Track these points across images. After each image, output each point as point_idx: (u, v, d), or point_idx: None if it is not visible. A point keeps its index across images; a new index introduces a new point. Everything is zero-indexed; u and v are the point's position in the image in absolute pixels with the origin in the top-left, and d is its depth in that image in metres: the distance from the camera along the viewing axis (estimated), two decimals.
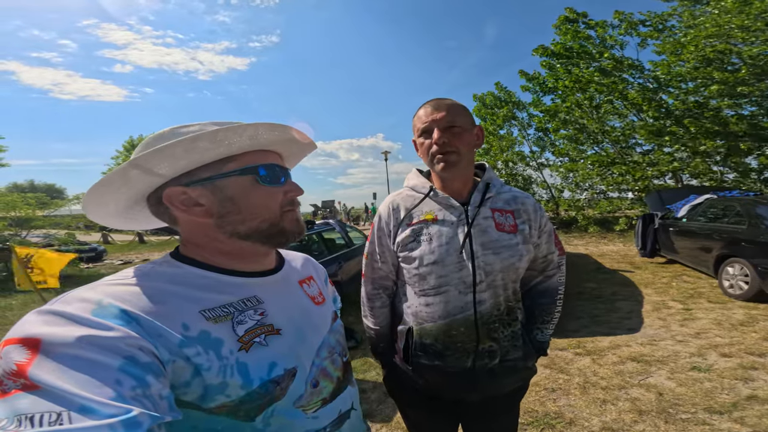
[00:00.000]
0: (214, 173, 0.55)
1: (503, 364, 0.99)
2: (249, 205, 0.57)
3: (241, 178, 0.57)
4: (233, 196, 0.56)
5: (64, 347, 0.37)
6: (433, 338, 0.97)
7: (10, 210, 8.95)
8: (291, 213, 0.61)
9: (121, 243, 17.80)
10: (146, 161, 0.51)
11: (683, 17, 9.98)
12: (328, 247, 4.95)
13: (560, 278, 1.12)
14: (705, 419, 2.15)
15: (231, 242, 0.58)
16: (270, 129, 0.57)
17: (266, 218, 0.58)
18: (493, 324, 0.96)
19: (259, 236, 0.58)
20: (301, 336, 0.60)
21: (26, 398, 0.34)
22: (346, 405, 0.65)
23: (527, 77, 13.13)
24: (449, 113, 0.94)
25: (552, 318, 1.10)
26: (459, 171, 0.97)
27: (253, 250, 0.60)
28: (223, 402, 0.48)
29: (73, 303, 0.42)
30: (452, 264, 0.94)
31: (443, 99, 0.99)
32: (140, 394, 0.38)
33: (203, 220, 0.56)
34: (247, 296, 0.56)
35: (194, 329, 0.48)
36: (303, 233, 0.64)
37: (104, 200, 0.56)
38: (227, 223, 0.56)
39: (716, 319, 3.76)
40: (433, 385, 1.02)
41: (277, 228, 0.59)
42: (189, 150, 0.52)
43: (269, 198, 0.59)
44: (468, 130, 0.97)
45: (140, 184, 0.55)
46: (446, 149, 0.93)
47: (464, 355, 0.96)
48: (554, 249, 1.10)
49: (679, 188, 8.11)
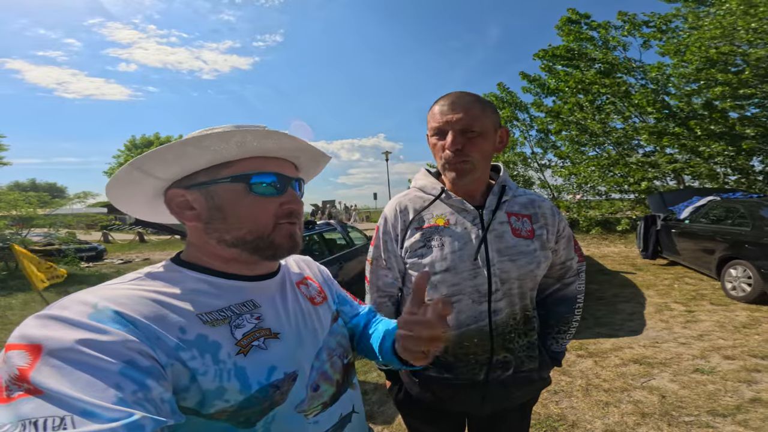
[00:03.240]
0: (209, 179, 0.55)
1: (517, 375, 0.93)
2: (235, 215, 0.55)
3: (231, 186, 0.55)
4: (221, 204, 0.55)
5: (64, 351, 0.38)
6: (442, 350, 0.93)
7: (11, 209, 8.97)
8: (286, 227, 0.58)
9: (122, 242, 17.81)
10: (142, 164, 0.53)
11: (687, 18, 9.96)
12: (329, 247, 4.95)
13: (579, 286, 1.04)
14: (708, 422, 2.13)
15: (220, 248, 0.57)
16: (262, 136, 0.54)
17: (252, 230, 0.56)
18: (509, 335, 0.90)
19: (245, 247, 0.57)
20: (299, 339, 0.59)
21: (30, 403, 0.34)
22: (346, 408, 0.64)
23: (528, 79, 13.11)
24: (467, 115, 0.84)
25: (570, 328, 1.03)
26: (472, 178, 0.90)
27: (242, 258, 0.59)
28: (223, 407, 0.47)
29: (71, 307, 0.42)
30: (466, 271, 0.88)
31: (464, 95, 0.87)
32: (141, 397, 0.38)
33: (193, 223, 0.57)
34: (244, 300, 0.56)
35: (191, 333, 0.48)
36: (297, 249, 0.61)
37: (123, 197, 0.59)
38: (213, 229, 0.56)
39: (719, 322, 3.75)
40: (441, 397, 0.96)
41: (265, 241, 0.57)
42: (179, 155, 0.52)
43: (259, 209, 0.56)
44: (487, 136, 0.87)
45: (143, 185, 0.56)
46: (460, 158, 0.85)
47: (477, 368, 0.91)
48: (573, 255, 1.02)
49: (681, 190, 8.08)
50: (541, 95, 12.96)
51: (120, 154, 29.12)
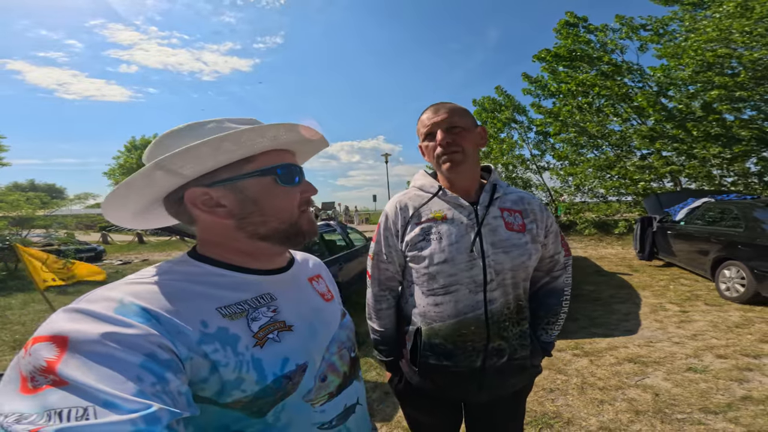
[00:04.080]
0: (235, 174, 0.56)
1: (511, 362, 0.99)
2: (271, 207, 0.58)
3: (262, 179, 0.57)
4: (255, 197, 0.57)
5: (89, 344, 0.39)
6: (442, 338, 0.97)
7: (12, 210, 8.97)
8: (306, 213, 0.62)
9: (121, 243, 17.78)
10: (172, 162, 0.51)
11: (684, 21, 10.03)
12: (329, 248, 4.98)
13: (567, 279, 1.12)
14: (700, 419, 2.18)
15: (250, 242, 0.59)
16: (289, 129, 0.57)
17: (286, 219, 0.59)
18: (503, 323, 0.97)
19: (279, 237, 0.59)
20: (312, 332, 0.61)
21: (56, 394, 0.36)
22: (351, 399, 0.65)
23: (530, 80, 13.18)
24: (450, 115, 0.96)
25: (558, 319, 1.10)
26: (465, 170, 0.98)
27: (270, 250, 0.61)
28: (239, 397, 0.49)
29: (98, 302, 0.44)
30: (463, 263, 0.94)
31: (443, 103, 1.01)
32: (160, 390, 0.40)
33: (225, 221, 0.57)
34: (262, 293, 0.58)
35: (212, 326, 0.49)
36: (317, 233, 0.65)
37: (126, 202, 0.56)
38: (248, 224, 0.57)
39: (712, 322, 3.80)
40: (440, 385, 1.01)
41: (295, 228, 0.60)
42: (215, 151, 0.52)
43: (288, 199, 0.59)
44: (470, 130, 0.98)
45: (164, 185, 0.55)
46: (451, 149, 0.95)
47: (474, 355, 0.96)
48: (560, 249, 1.10)
49: (677, 192, 8.15)
50: (541, 97, 13.05)
51: (120, 155, 28.98)
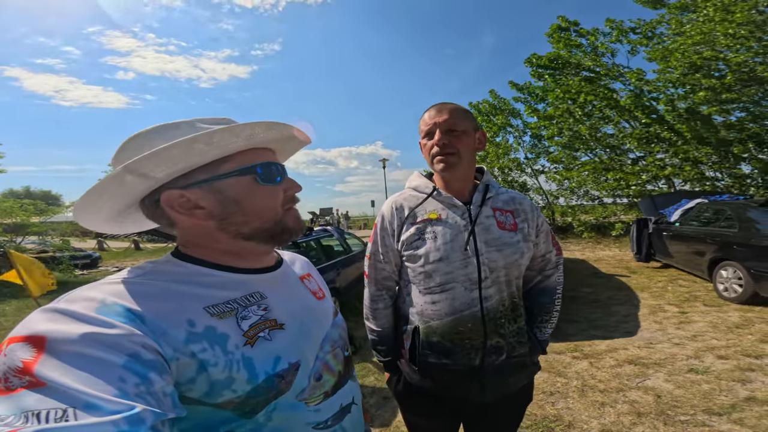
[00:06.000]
0: (211, 175, 0.54)
1: (510, 360, 1.00)
2: (252, 206, 0.57)
3: (241, 179, 0.56)
4: (236, 197, 0.56)
5: (69, 345, 0.38)
6: (440, 336, 0.98)
7: (6, 216, 8.87)
8: (291, 211, 0.62)
9: (117, 250, 17.63)
10: (142, 165, 0.49)
11: (671, 24, 10.18)
12: (326, 253, 4.96)
13: (558, 277, 1.14)
14: (704, 421, 2.16)
15: (234, 242, 0.57)
16: (267, 128, 0.56)
17: (270, 218, 0.58)
18: (499, 320, 0.98)
19: (263, 236, 0.58)
20: (304, 330, 0.60)
21: (32, 395, 0.34)
22: (347, 399, 0.65)
23: (517, 88, 13.31)
24: (451, 116, 0.98)
25: (551, 317, 1.12)
26: (459, 172, 1.01)
27: (256, 249, 0.60)
28: (230, 397, 0.48)
29: (78, 302, 0.43)
30: (457, 261, 0.96)
31: (447, 103, 1.03)
32: (144, 391, 0.39)
33: (205, 222, 0.55)
34: (251, 292, 0.57)
35: (200, 325, 0.48)
36: (304, 230, 0.64)
37: (98, 206, 0.54)
38: (230, 224, 0.56)
39: (712, 322, 3.79)
40: (440, 384, 1.01)
41: (280, 226, 0.60)
42: (186, 152, 0.50)
43: (271, 197, 0.58)
44: (469, 134, 1.00)
45: (136, 189, 0.53)
46: (446, 150, 0.97)
47: (472, 352, 0.97)
48: (552, 248, 1.12)
49: (672, 193, 8.20)
50: (531, 102, 13.16)
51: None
